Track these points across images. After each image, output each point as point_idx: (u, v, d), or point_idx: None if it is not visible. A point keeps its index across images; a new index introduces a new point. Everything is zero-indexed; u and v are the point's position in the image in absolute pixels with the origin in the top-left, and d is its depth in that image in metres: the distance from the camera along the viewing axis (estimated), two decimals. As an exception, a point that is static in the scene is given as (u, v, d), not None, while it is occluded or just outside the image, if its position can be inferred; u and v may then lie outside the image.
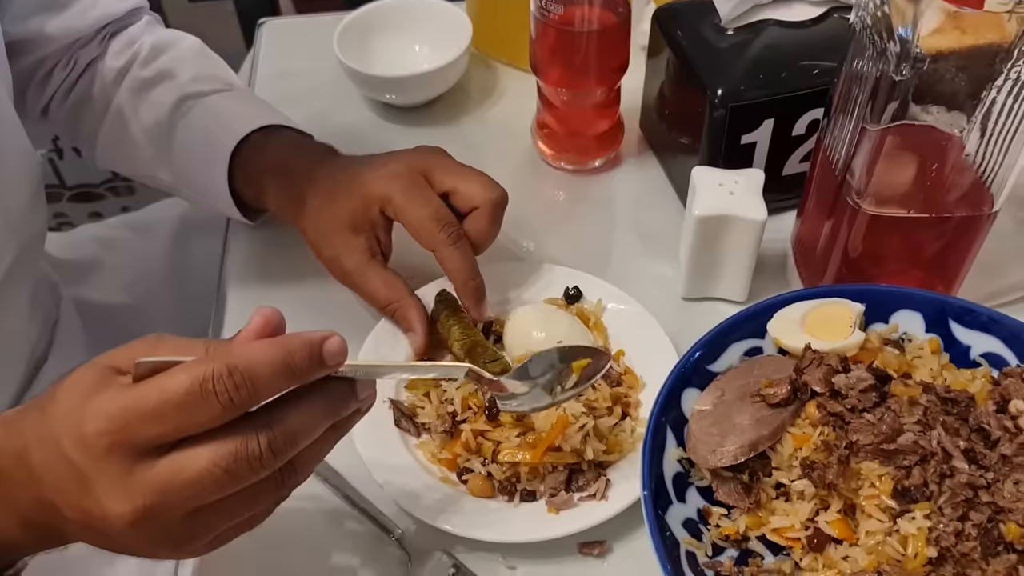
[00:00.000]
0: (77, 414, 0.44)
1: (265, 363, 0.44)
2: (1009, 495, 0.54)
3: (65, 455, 0.44)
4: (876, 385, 0.61)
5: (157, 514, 0.44)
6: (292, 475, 0.48)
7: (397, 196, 0.70)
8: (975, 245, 0.70)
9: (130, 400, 0.43)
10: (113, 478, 0.44)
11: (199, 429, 0.44)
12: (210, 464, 0.43)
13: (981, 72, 0.64)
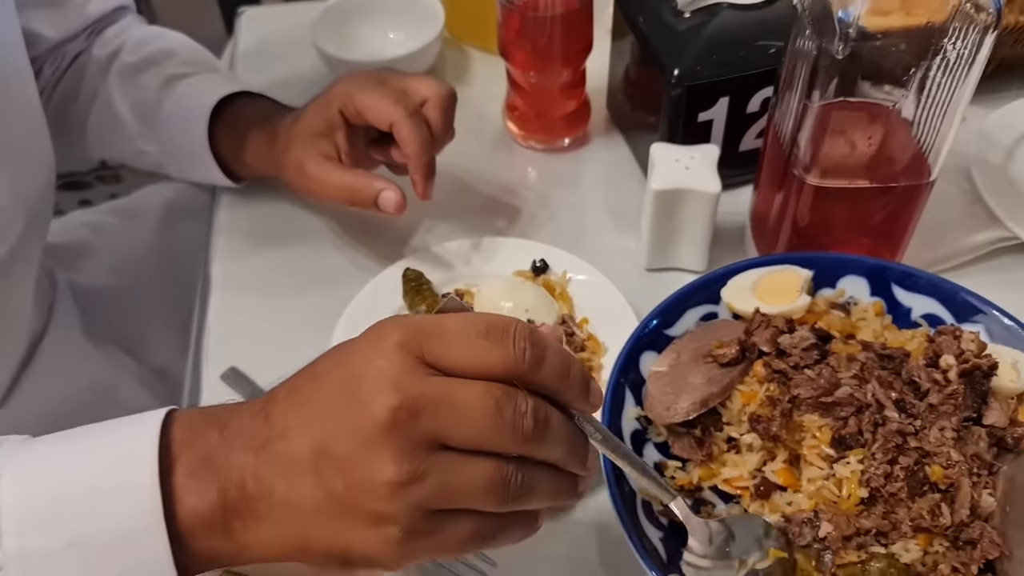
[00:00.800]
0: (372, 329, 0.45)
1: (556, 348, 0.45)
2: (934, 440, 0.59)
3: (341, 356, 0.44)
4: (818, 344, 0.65)
5: (416, 420, 0.41)
6: (526, 487, 0.44)
7: (356, 90, 0.76)
8: (916, 213, 0.75)
9: (435, 320, 0.44)
10: (393, 367, 0.42)
11: (483, 369, 0.43)
12: (484, 390, 0.42)
13: (920, 49, 0.68)
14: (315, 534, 0.43)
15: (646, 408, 0.66)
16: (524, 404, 0.43)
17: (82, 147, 0.95)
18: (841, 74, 0.68)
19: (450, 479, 0.42)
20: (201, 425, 0.45)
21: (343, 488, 0.42)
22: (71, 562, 0.43)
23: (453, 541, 0.44)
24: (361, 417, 0.41)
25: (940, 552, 0.57)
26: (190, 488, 0.44)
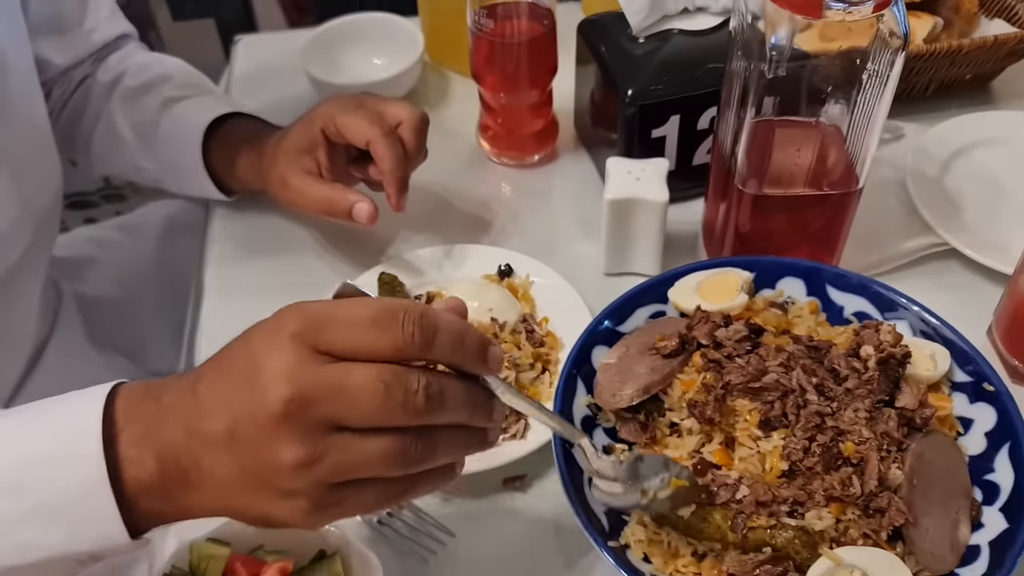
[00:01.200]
0: (274, 316, 0.49)
1: (448, 324, 0.48)
2: (848, 420, 0.65)
3: (247, 343, 0.48)
4: (750, 336, 0.72)
5: (309, 408, 0.45)
6: (428, 451, 0.49)
7: (337, 112, 0.83)
8: (848, 218, 0.81)
9: (328, 307, 0.47)
10: (286, 360, 0.46)
11: (374, 354, 0.46)
12: (373, 375, 0.46)
13: (846, 70, 0.75)
14: (238, 503, 0.49)
15: (596, 396, 0.73)
16: (415, 383, 0.47)
17: (87, 163, 1.02)
18: (773, 93, 0.75)
19: (347, 457, 0.47)
20: (141, 398, 0.51)
21: (253, 466, 0.47)
22: (33, 524, 0.49)
23: (361, 505, 0.50)
24: (260, 406, 0.46)
25: (852, 520, 0.63)
26: (132, 458, 0.49)
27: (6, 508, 0.49)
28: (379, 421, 0.47)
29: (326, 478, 0.47)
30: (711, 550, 0.64)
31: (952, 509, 0.65)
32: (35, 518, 0.49)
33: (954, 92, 1.04)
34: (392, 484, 0.50)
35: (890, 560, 0.61)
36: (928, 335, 0.75)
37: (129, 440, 0.49)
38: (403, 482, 0.50)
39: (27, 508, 0.49)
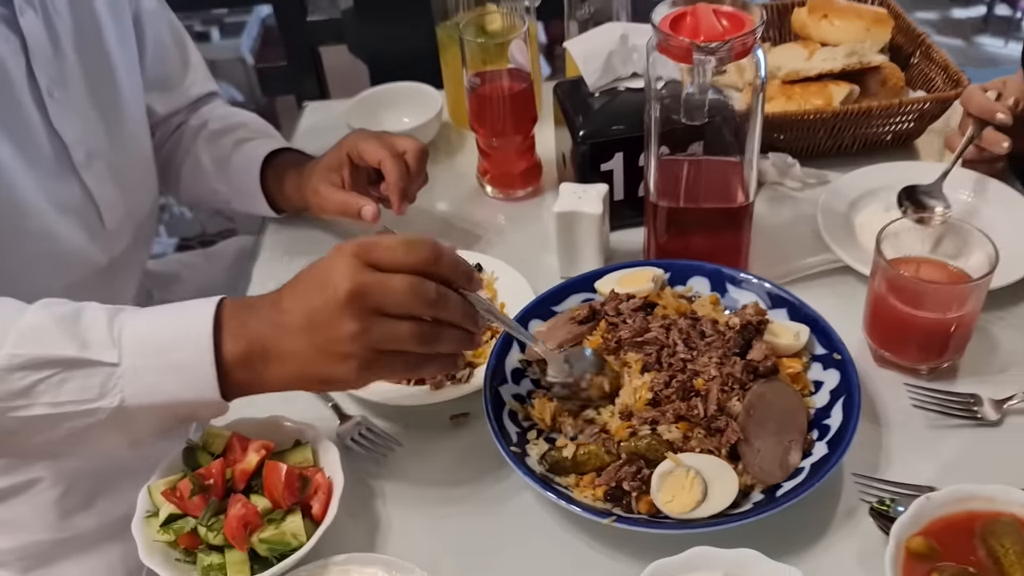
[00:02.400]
0: (335, 248, 0.75)
1: (449, 253, 0.76)
2: (702, 364, 0.84)
3: (316, 266, 0.76)
4: (643, 308, 0.92)
5: (363, 298, 0.72)
6: (436, 337, 0.76)
7: (360, 140, 1.10)
8: (746, 229, 1.01)
9: (375, 239, 0.75)
10: (348, 268, 0.73)
11: (405, 267, 0.73)
12: (404, 279, 0.72)
13: (736, 116, 0.96)
14: (308, 370, 0.75)
15: (526, 353, 0.94)
16: (431, 287, 0.74)
17: (176, 189, 1.31)
18: (678, 135, 0.97)
19: (386, 331, 0.73)
20: (240, 305, 0.78)
21: (322, 341, 0.74)
22: (162, 374, 0.74)
23: (394, 369, 0.77)
24: (332, 297, 0.72)
25: (697, 436, 0.81)
26: (230, 341, 0.75)
27: (147, 362, 0.75)
28: (408, 309, 0.73)
29: (372, 345, 0.73)
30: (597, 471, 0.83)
31: (785, 439, 0.82)
32: (164, 371, 0.75)
33: (879, 149, 1.23)
34: (416, 357, 0.76)
35: (720, 465, 0.80)
36: (798, 319, 0.93)
37: (229, 330, 0.76)
38: (421, 357, 0.77)
39: (160, 363, 0.75)
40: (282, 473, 0.80)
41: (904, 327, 0.90)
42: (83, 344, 0.75)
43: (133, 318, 0.78)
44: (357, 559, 0.79)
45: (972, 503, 0.76)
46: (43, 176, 1.02)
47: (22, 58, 0.98)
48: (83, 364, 0.75)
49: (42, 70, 0.99)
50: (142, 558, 0.78)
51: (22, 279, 0.96)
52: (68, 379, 0.75)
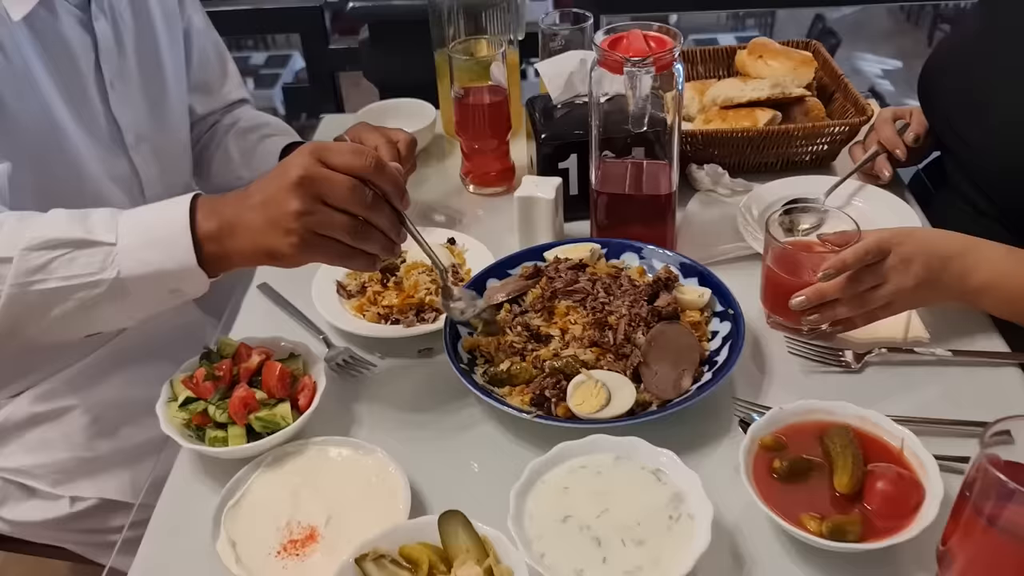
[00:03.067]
0: (297, 150, 0.93)
1: (391, 168, 0.93)
2: (615, 307, 1.06)
3: (279, 164, 0.93)
4: (577, 267, 1.14)
5: (310, 185, 0.88)
6: (366, 234, 0.92)
7: (360, 131, 1.32)
8: (670, 213, 1.23)
9: (329, 143, 0.93)
10: (302, 161, 0.89)
11: (351, 169, 0.89)
12: (348, 181, 0.89)
13: (662, 125, 1.19)
14: (260, 241, 0.92)
15: (484, 298, 1.15)
16: (368, 191, 0.91)
17: (207, 176, 1.54)
18: (616, 142, 1.20)
19: (325, 218, 0.90)
20: (214, 197, 0.97)
21: (273, 215, 0.91)
22: (149, 249, 0.94)
23: (327, 253, 0.93)
24: (284, 179, 0.90)
25: (607, 360, 1.02)
26: (203, 220, 0.94)
27: (138, 240, 0.94)
28: (345, 204, 0.90)
29: (311, 227, 0.90)
30: (526, 383, 1.04)
31: (679, 367, 1.03)
32: (151, 245, 0.94)
33: (800, 168, 1.45)
34: (347, 248, 0.93)
35: (623, 380, 1.01)
36: (706, 285, 1.15)
37: (203, 211, 0.95)
38: (350, 250, 0.93)
39: (147, 239, 0.94)
40: (276, 370, 1.02)
41: (787, 292, 1.11)
42: (88, 229, 0.95)
43: (130, 211, 0.99)
44: (331, 441, 1.00)
45: (816, 414, 0.96)
46: (101, 150, 1.26)
47: (92, 54, 1.23)
48: (88, 244, 0.94)
49: (107, 65, 1.24)
50: (164, 429, 1.00)
51: None
52: (76, 257, 0.94)
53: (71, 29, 1.19)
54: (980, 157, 1.23)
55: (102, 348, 1.37)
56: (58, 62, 1.18)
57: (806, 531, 0.85)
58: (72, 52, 1.19)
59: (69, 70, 1.19)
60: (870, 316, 1.06)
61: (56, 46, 1.17)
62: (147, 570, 0.93)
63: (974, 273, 1.04)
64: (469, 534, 0.84)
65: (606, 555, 0.84)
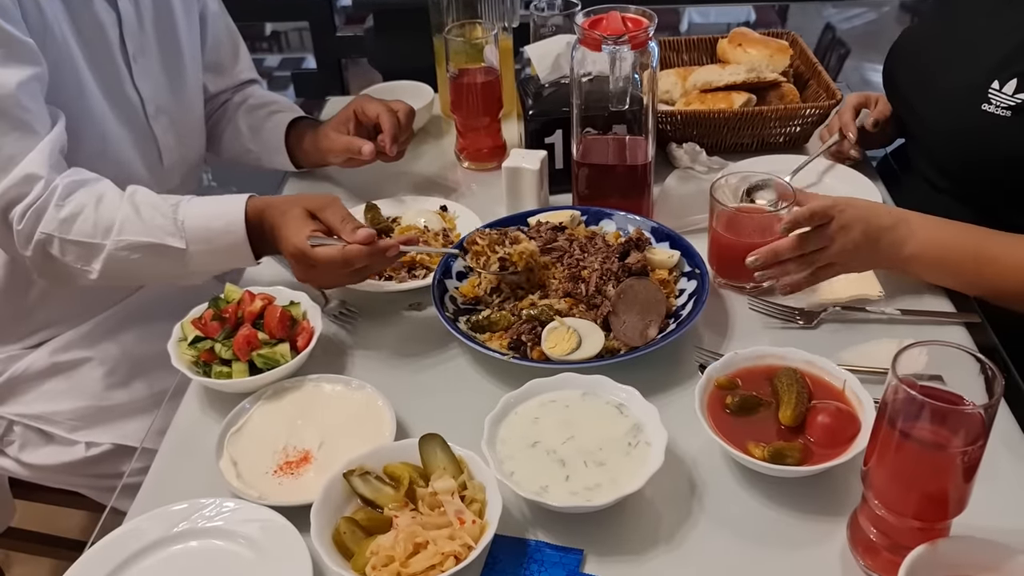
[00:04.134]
0: (288, 234, 1.13)
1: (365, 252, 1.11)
2: (589, 262, 1.15)
3: (286, 250, 1.15)
4: (556, 228, 1.23)
5: (303, 257, 1.12)
6: (361, 277, 1.16)
7: (363, 101, 1.43)
8: (647, 184, 1.32)
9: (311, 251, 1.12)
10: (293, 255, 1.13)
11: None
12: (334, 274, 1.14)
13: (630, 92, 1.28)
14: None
15: (468, 259, 1.25)
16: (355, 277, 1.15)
17: (218, 149, 1.64)
18: (597, 120, 1.29)
19: (323, 281, 1.17)
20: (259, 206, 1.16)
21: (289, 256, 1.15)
22: (216, 255, 1.16)
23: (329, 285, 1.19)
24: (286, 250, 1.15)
25: (579, 310, 1.11)
26: (253, 226, 1.15)
27: (205, 247, 1.16)
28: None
29: (309, 282, 1.15)
30: (505, 329, 1.13)
31: (647, 318, 1.12)
32: (217, 252, 1.18)
33: (775, 148, 1.54)
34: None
35: (593, 327, 1.10)
36: (675, 247, 1.24)
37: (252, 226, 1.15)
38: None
39: (212, 247, 1.17)
40: (278, 312, 1.11)
41: (731, 251, 1.20)
42: (160, 236, 1.16)
43: (190, 211, 1.18)
44: (325, 378, 1.10)
45: (769, 359, 1.05)
46: (125, 119, 1.36)
47: (117, 30, 1.33)
48: (164, 249, 1.17)
49: (131, 40, 1.34)
50: (174, 364, 1.09)
51: None
52: (158, 259, 1.18)
53: (99, 4, 1.29)
54: (932, 133, 1.32)
55: (118, 305, 1.47)
56: (87, 34, 1.28)
57: (751, 456, 0.94)
58: (100, 25, 1.30)
59: (97, 42, 1.30)
60: (814, 277, 1.15)
61: (85, 18, 1.27)
62: (157, 486, 1.03)
63: (906, 243, 1.13)
64: (446, 453, 0.93)
65: (569, 474, 0.93)
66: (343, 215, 1.14)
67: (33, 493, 1.59)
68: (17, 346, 1.43)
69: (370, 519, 0.89)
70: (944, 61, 1.29)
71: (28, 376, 1.42)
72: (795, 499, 0.95)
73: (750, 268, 1.14)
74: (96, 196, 1.18)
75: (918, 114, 1.34)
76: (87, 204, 1.17)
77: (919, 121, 1.35)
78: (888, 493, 0.83)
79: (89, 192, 1.18)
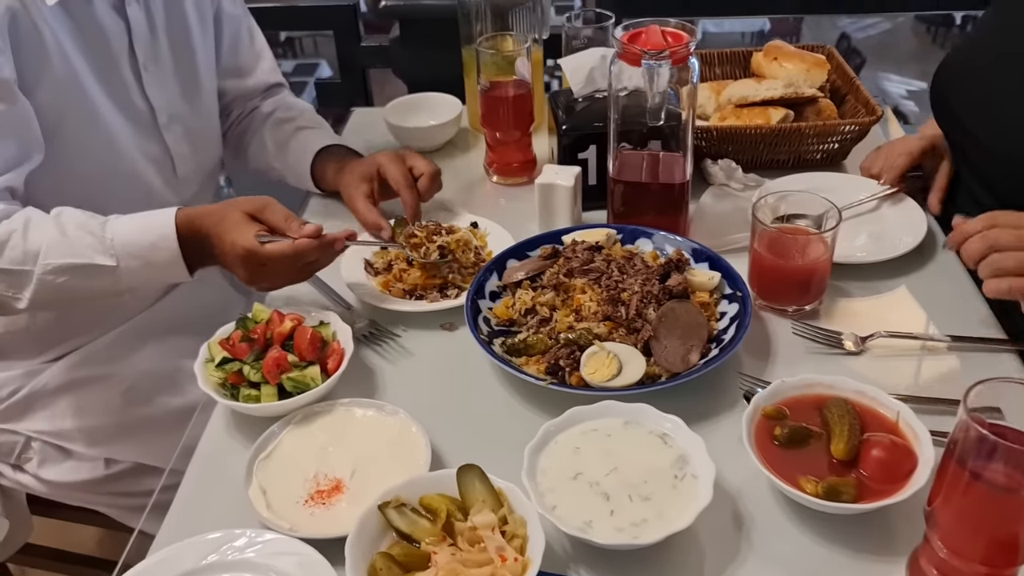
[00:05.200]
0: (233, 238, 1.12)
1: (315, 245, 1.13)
2: (628, 284, 1.11)
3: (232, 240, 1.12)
4: (593, 248, 1.19)
5: (252, 258, 1.11)
6: (308, 273, 1.17)
7: (385, 161, 1.37)
8: (685, 200, 1.29)
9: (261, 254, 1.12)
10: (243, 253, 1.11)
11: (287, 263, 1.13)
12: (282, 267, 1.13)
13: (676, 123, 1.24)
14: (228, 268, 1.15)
15: (503, 279, 1.21)
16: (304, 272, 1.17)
17: (243, 162, 1.61)
18: (633, 135, 1.26)
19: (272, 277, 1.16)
20: (191, 218, 1.15)
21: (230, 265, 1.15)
22: (149, 269, 1.12)
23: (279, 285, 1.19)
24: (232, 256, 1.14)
25: (619, 334, 1.08)
26: (186, 238, 1.14)
27: (137, 263, 1.13)
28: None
29: (258, 283, 1.17)
30: (542, 353, 1.10)
31: (688, 343, 1.08)
32: (150, 267, 1.14)
33: (811, 166, 1.50)
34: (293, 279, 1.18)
35: (634, 352, 1.06)
36: (715, 268, 1.20)
37: (184, 236, 1.13)
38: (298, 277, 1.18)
39: (145, 262, 1.14)
40: (308, 334, 1.08)
41: (773, 273, 1.17)
42: (87, 255, 1.13)
43: (117, 226, 1.16)
44: (357, 402, 1.06)
45: (817, 388, 1.01)
46: (136, 130, 1.33)
47: (126, 38, 1.29)
48: (94, 269, 1.14)
49: (140, 49, 1.31)
50: (201, 387, 1.06)
51: (111, 210, 1.23)
52: (88, 278, 1.15)
53: (105, 14, 1.25)
54: (989, 156, 1.28)
55: (136, 319, 1.44)
56: (92, 46, 1.25)
57: (803, 492, 0.90)
58: (106, 36, 1.26)
59: (103, 53, 1.27)
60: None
61: (90, 30, 1.24)
62: (184, 512, 0.99)
63: None
64: (485, 485, 0.90)
65: (614, 508, 0.89)
66: (285, 213, 1.15)
67: (50, 509, 1.56)
68: (35, 361, 1.40)
69: (407, 554, 0.86)
70: (1005, 87, 1.25)
71: (46, 392, 1.39)
72: (848, 537, 0.91)
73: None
74: (23, 221, 1.15)
75: (974, 136, 1.30)
76: (15, 230, 1.14)
77: (974, 143, 1.31)
78: (954, 536, 0.79)
79: (15, 219, 1.15)
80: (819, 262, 1.16)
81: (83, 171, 1.27)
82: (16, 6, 1.14)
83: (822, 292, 1.20)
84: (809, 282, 1.18)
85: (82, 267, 1.14)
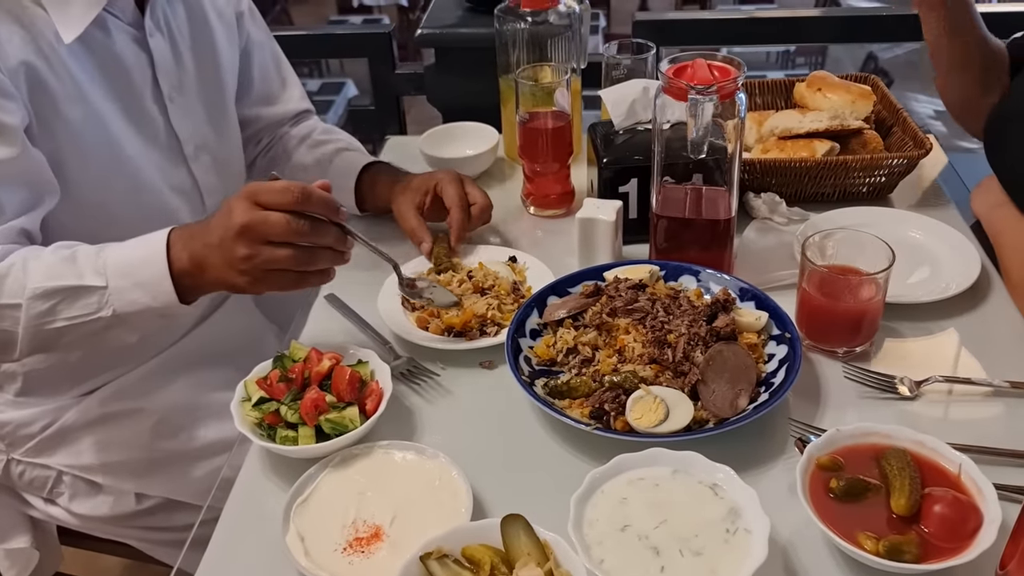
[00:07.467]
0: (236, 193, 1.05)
1: (318, 193, 1.03)
2: (674, 325, 1.08)
3: (226, 204, 1.04)
4: (637, 287, 1.16)
5: (250, 230, 1.01)
6: (312, 257, 1.05)
7: (445, 180, 1.36)
8: (729, 237, 1.25)
9: (263, 184, 1.03)
10: (242, 208, 1.02)
11: (283, 206, 1.01)
12: (283, 218, 1.01)
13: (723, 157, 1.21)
14: (222, 277, 1.06)
15: (543, 316, 1.18)
16: (303, 221, 1.02)
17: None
18: (676, 168, 1.23)
19: (271, 256, 1.03)
20: (183, 232, 1.09)
21: (227, 258, 1.04)
22: (135, 290, 1.06)
23: (281, 283, 1.06)
24: (229, 228, 1.02)
25: (666, 377, 1.04)
26: (177, 260, 1.07)
27: (125, 282, 1.07)
28: (286, 238, 1.02)
29: (260, 266, 1.03)
30: (585, 396, 1.07)
31: (736, 387, 1.05)
32: (137, 287, 1.07)
33: (857, 200, 1.47)
34: (295, 275, 1.06)
35: (681, 396, 1.03)
36: (762, 308, 1.17)
37: (175, 249, 1.07)
38: (301, 274, 1.06)
39: (133, 282, 1.06)
40: (347, 374, 1.06)
41: (823, 314, 1.13)
42: (79, 274, 1.08)
43: (111, 249, 1.10)
44: (396, 445, 1.03)
45: (873, 437, 0.97)
46: (161, 163, 1.31)
47: (149, 71, 1.27)
48: (82, 290, 1.08)
49: (165, 79, 1.29)
50: (237, 427, 1.04)
51: None
52: (75, 301, 1.08)
53: (125, 47, 1.23)
54: None
55: (167, 352, 1.41)
56: (114, 81, 1.23)
57: (863, 550, 0.86)
58: (127, 70, 1.24)
59: (126, 88, 1.25)
60: None
61: (111, 65, 1.22)
62: (218, 559, 0.97)
63: None
64: (530, 537, 0.87)
65: (664, 564, 0.86)
66: (282, 185, 1.04)
67: (79, 539, 1.54)
68: (66, 396, 1.38)
69: (451, 609, 0.83)
70: None
71: (78, 426, 1.38)
72: (910, 597, 0.87)
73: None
74: (23, 257, 1.10)
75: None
76: (15, 264, 1.09)
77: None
78: (1029, 604, 0.75)
79: (19, 253, 1.11)
80: (871, 303, 1.12)
81: (109, 208, 1.24)
82: (31, 59, 1.12)
83: (873, 333, 1.16)
84: (860, 323, 1.14)
85: (69, 290, 1.07)
